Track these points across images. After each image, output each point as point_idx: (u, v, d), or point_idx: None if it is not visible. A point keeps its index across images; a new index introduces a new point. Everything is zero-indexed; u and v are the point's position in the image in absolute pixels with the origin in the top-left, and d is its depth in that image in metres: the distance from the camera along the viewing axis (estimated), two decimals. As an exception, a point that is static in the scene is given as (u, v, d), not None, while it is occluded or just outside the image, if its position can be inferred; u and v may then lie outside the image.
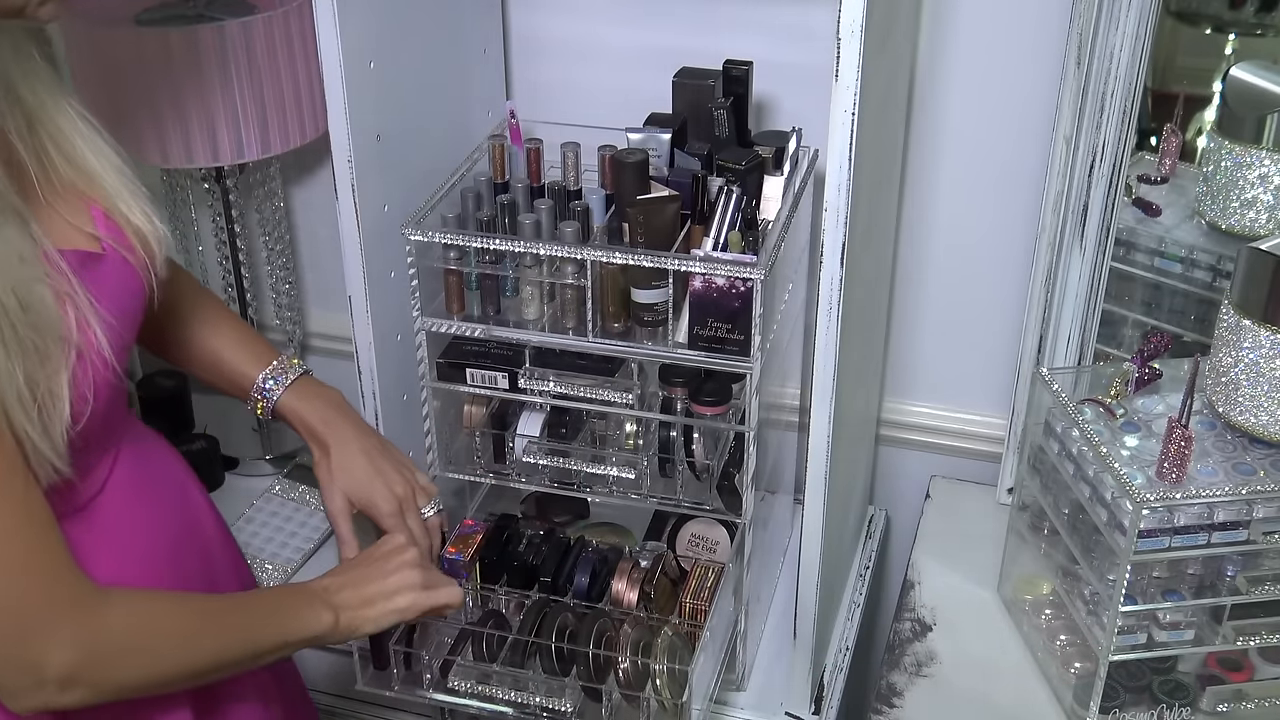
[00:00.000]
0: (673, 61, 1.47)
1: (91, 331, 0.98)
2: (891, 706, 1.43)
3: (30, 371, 0.92)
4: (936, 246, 1.67)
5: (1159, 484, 1.25)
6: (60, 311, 0.95)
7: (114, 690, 1.01)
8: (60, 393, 0.95)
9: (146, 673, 1.02)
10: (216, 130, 1.57)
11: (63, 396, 0.95)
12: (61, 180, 1.02)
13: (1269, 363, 1.26)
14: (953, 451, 1.79)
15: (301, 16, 1.57)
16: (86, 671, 0.97)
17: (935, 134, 1.61)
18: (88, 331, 0.97)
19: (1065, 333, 1.57)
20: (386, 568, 1.21)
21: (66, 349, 0.95)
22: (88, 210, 1.03)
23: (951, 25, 1.54)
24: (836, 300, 1.22)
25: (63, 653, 0.95)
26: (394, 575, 1.20)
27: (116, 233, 1.04)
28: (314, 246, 1.94)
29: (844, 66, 1.10)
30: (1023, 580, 1.52)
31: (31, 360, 0.92)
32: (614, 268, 1.31)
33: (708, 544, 1.50)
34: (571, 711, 1.29)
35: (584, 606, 1.37)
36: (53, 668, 0.94)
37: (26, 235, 0.94)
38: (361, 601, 1.17)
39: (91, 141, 1.05)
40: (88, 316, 0.97)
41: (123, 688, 1.01)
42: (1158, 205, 1.54)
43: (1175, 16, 1.50)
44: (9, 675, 0.95)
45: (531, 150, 1.44)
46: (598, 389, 1.36)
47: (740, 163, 1.36)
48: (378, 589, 1.19)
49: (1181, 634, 1.32)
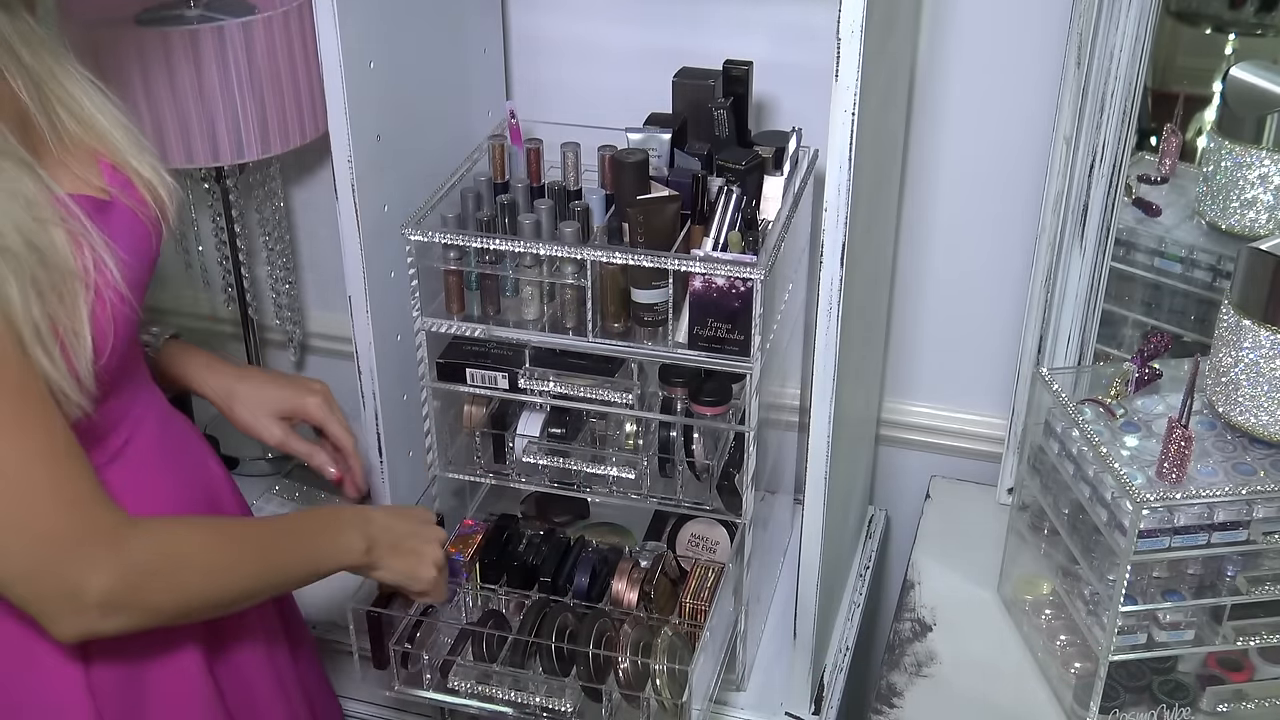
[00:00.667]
0: (673, 61, 1.47)
1: (108, 270, 1.00)
2: (891, 706, 1.43)
3: (50, 311, 0.95)
4: (936, 246, 1.67)
5: (1159, 484, 1.25)
6: (74, 251, 0.97)
7: (153, 614, 1.02)
8: (82, 330, 0.97)
9: (184, 595, 1.04)
10: (216, 130, 1.57)
11: (85, 334, 0.98)
12: (71, 138, 1.04)
13: (1269, 363, 1.26)
14: (953, 451, 1.79)
15: (301, 16, 1.57)
16: (125, 595, 0.98)
17: (935, 134, 1.61)
18: (104, 270, 1.00)
19: (1065, 333, 1.57)
20: (424, 534, 1.29)
21: (84, 287, 0.98)
22: (97, 164, 1.05)
23: (951, 25, 1.54)
24: (836, 300, 1.22)
25: (101, 577, 0.96)
26: (429, 546, 1.28)
27: (126, 185, 1.06)
28: (314, 246, 1.94)
29: (844, 66, 1.10)
30: (1023, 580, 1.52)
31: (50, 300, 0.95)
32: (614, 268, 1.31)
33: (708, 544, 1.50)
34: (571, 711, 1.30)
35: (584, 606, 1.38)
36: (92, 592, 0.96)
37: (35, 181, 0.96)
38: (392, 548, 1.24)
39: (97, 101, 1.07)
40: (103, 255, 0.99)
41: (161, 611, 1.03)
42: (1158, 205, 1.54)
43: (1175, 16, 1.50)
44: (50, 601, 0.97)
45: (531, 150, 1.44)
46: (598, 389, 1.36)
47: (740, 163, 1.36)
48: (411, 546, 1.27)
49: (1181, 634, 1.32)
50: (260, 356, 1.92)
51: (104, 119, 1.06)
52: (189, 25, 1.52)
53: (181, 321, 2.07)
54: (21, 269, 0.92)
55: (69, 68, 1.05)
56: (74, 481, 0.97)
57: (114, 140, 1.06)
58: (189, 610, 1.06)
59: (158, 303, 1.99)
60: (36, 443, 0.95)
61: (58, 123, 1.02)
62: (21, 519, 0.94)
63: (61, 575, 0.96)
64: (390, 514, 1.28)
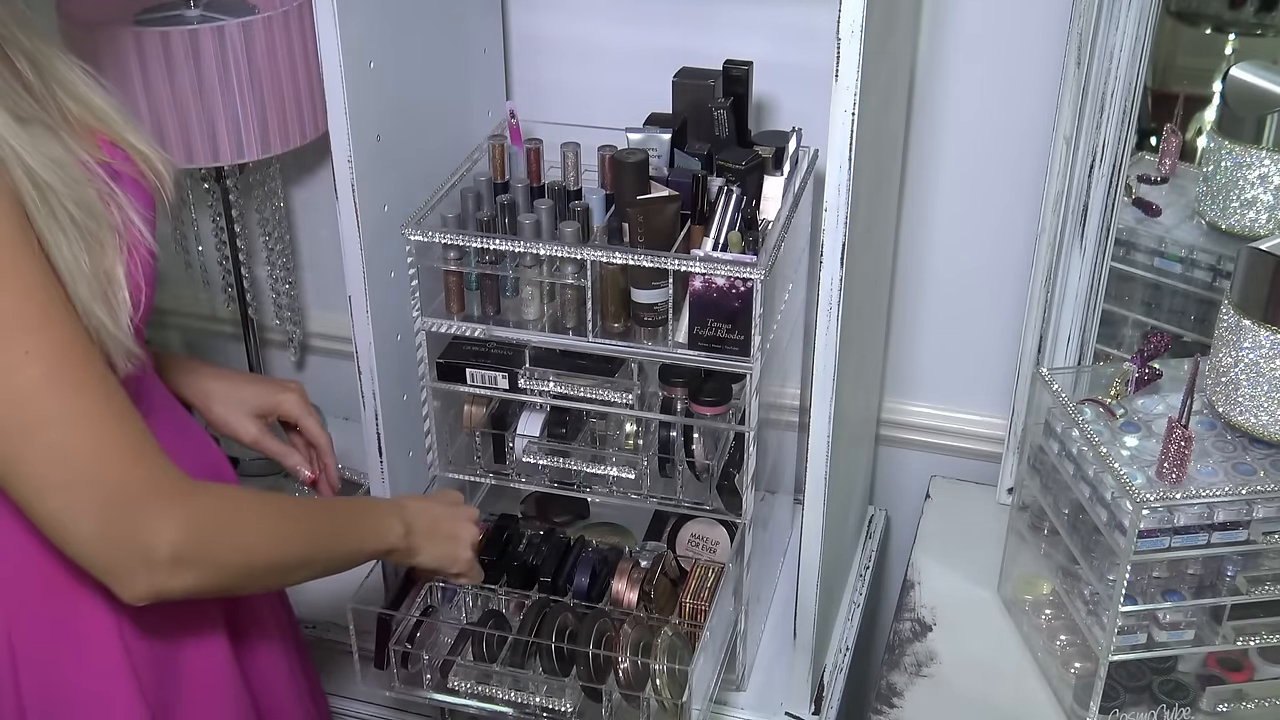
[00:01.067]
0: (673, 61, 1.47)
1: (135, 228, 1.02)
2: (891, 706, 1.43)
3: (95, 260, 0.96)
4: (936, 246, 1.67)
5: (1159, 484, 1.25)
6: (104, 209, 0.99)
7: (221, 571, 1.03)
8: (120, 281, 0.99)
9: (249, 555, 1.06)
10: (216, 130, 1.57)
11: (123, 285, 0.99)
12: (73, 116, 1.05)
13: (1269, 363, 1.26)
14: (953, 451, 1.79)
15: (301, 16, 1.57)
16: (194, 550, 0.99)
17: (935, 134, 1.61)
18: (132, 228, 1.02)
19: (1065, 333, 1.57)
20: (458, 515, 1.33)
21: (119, 241, 1.00)
22: (96, 141, 1.06)
23: (951, 25, 1.54)
24: (836, 300, 1.22)
25: (171, 530, 0.97)
26: (464, 527, 1.32)
27: (125, 160, 1.08)
28: (314, 246, 1.94)
29: (844, 66, 1.10)
30: (1023, 580, 1.52)
31: (95, 250, 0.97)
32: (614, 268, 1.31)
33: (708, 544, 1.50)
34: (571, 711, 1.30)
35: (584, 606, 1.37)
36: (162, 547, 0.96)
37: (61, 145, 0.98)
38: (429, 532, 1.28)
39: (91, 85, 1.08)
40: (129, 214, 1.01)
41: (228, 568, 1.04)
42: (1158, 205, 1.54)
43: (1175, 16, 1.50)
44: (119, 557, 0.97)
45: (531, 150, 1.44)
46: (598, 389, 1.36)
47: (740, 163, 1.36)
48: (447, 530, 1.30)
49: (1181, 634, 1.32)
50: (260, 356, 1.92)
51: (98, 99, 1.08)
52: (189, 25, 1.52)
53: (182, 321, 2.07)
54: (69, 219, 0.94)
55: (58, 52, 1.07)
56: (138, 440, 0.98)
57: (110, 119, 1.08)
58: (253, 571, 1.07)
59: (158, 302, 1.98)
60: (97, 401, 0.95)
61: (59, 101, 1.04)
62: (93, 474, 0.94)
63: (134, 530, 0.96)
64: (422, 499, 1.32)
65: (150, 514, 0.97)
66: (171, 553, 0.97)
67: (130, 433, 0.97)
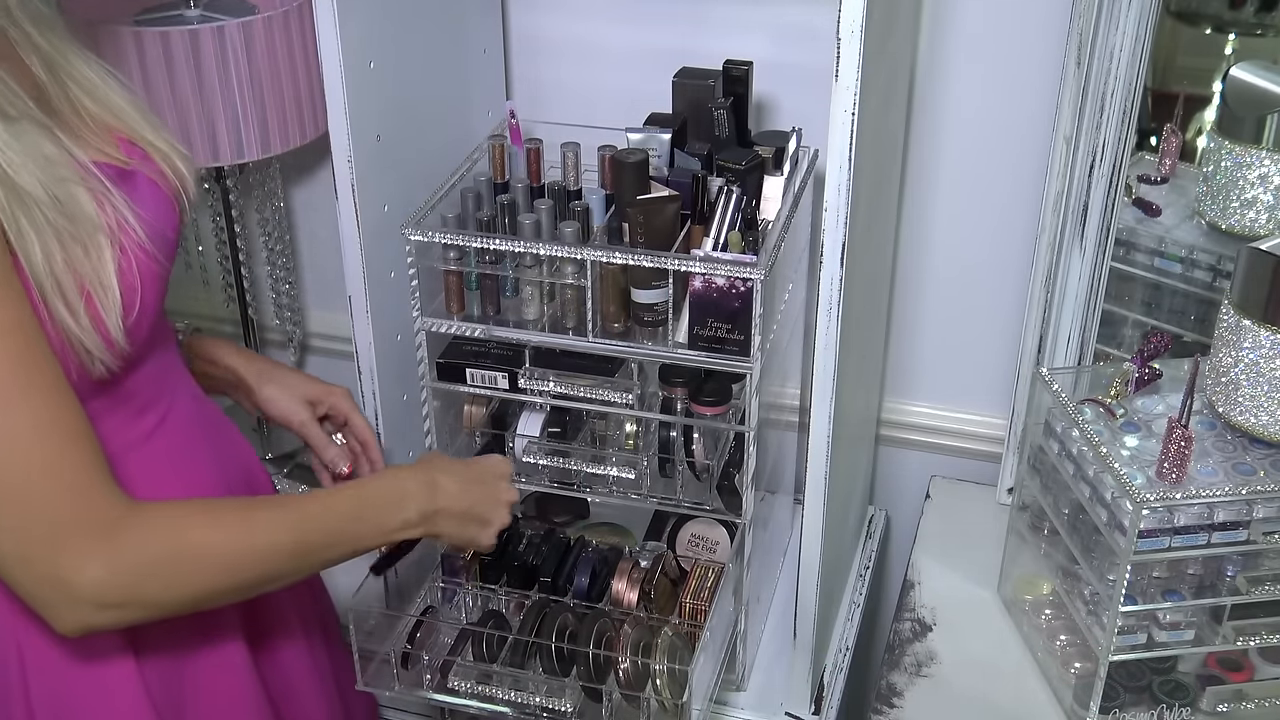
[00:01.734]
0: (673, 61, 1.47)
1: (131, 229, 0.99)
2: (891, 706, 1.43)
3: (75, 263, 0.94)
4: (936, 246, 1.67)
5: (1159, 484, 1.25)
6: (97, 209, 0.97)
7: (153, 609, 0.98)
8: (110, 283, 0.97)
9: (188, 590, 1.00)
10: (216, 130, 1.57)
11: (112, 286, 0.97)
12: (88, 114, 1.04)
13: (1269, 363, 1.26)
14: (953, 451, 1.79)
15: (301, 16, 1.57)
16: (119, 591, 0.95)
17: (935, 134, 1.61)
18: (127, 230, 0.99)
19: (1065, 333, 1.57)
20: (494, 499, 1.26)
21: (109, 241, 0.97)
22: (114, 140, 1.05)
23: (951, 25, 1.54)
24: (836, 300, 1.22)
25: (93, 569, 0.93)
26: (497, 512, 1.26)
27: (144, 159, 1.07)
28: (314, 246, 1.94)
29: (844, 66, 1.10)
30: (1023, 580, 1.52)
31: (74, 251, 0.94)
32: (614, 268, 1.31)
33: (708, 544, 1.50)
34: (571, 711, 1.30)
35: (584, 606, 1.37)
36: (85, 585, 0.93)
37: (54, 143, 0.97)
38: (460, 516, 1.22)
39: (110, 82, 1.07)
40: (125, 215, 0.99)
41: (162, 606, 0.99)
42: (1158, 205, 1.54)
43: (1175, 16, 1.50)
44: (43, 590, 0.93)
45: (531, 150, 1.44)
46: (598, 389, 1.36)
47: (740, 163, 1.36)
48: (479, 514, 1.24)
49: (1181, 634, 1.32)
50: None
51: (117, 98, 1.07)
52: (189, 25, 1.52)
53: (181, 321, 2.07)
54: (43, 220, 0.92)
55: (79, 50, 1.06)
56: (76, 465, 0.93)
57: (129, 117, 1.07)
58: (196, 603, 1.01)
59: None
60: (39, 418, 0.92)
61: (74, 100, 1.03)
62: (17, 496, 0.91)
63: (54, 567, 0.92)
64: (463, 481, 1.23)
65: (72, 551, 0.92)
66: (95, 592, 0.93)
67: (70, 456, 0.93)
